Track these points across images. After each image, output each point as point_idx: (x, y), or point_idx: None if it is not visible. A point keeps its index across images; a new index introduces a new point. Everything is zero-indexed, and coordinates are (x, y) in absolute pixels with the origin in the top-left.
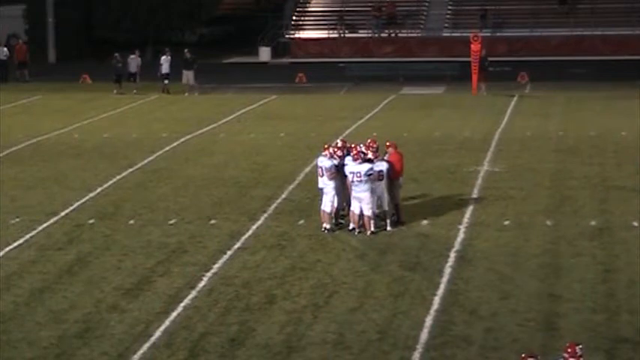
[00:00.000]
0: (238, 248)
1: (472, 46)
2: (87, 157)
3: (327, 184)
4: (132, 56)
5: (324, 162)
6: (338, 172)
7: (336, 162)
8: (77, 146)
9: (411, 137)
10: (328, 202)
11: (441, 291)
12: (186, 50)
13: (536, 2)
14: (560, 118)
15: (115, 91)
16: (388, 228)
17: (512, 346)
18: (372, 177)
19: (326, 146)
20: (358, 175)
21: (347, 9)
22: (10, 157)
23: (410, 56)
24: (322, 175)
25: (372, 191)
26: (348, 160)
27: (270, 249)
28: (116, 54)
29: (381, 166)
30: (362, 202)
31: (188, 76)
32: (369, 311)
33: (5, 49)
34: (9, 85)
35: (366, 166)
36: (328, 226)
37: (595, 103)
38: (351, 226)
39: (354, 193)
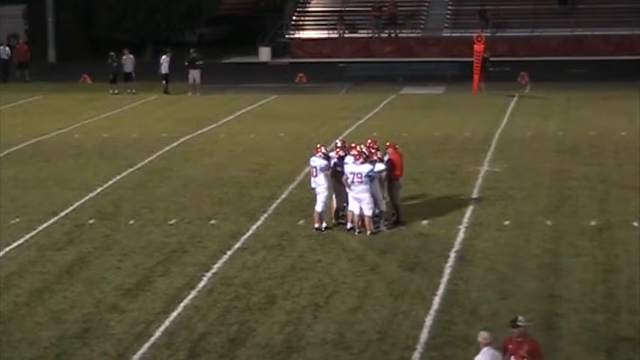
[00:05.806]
0: (238, 248)
1: (475, 46)
2: (87, 157)
3: (319, 184)
4: (124, 56)
5: (317, 161)
6: (336, 171)
7: (330, 161)
8: (77, 146)
9: (411, 137)
10: (320, 202)
11: (441, 291)
12: (192, 50)
13: (536, 2)
14: (560, 118)
15: (110, 91)
16: (381, 227)
17: None
18: (371, 178)
19: (318, 146)
20: (359, 175)
21: (347, 9)
22: (10, 157)
23: (410, 56)
24: (315, 175)
25: (371, 191)
26: (348, 159)
27: (270, 249)
28: (112, 53)
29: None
30: (362, 202)
31: (194, 75)
32: (369, 311)
33: (7, 48)
34: (9, 85)
35: (367, 167)
36: (317, 225)
37: (595, 103)
38: (349, 225)
39: (353, 194)
